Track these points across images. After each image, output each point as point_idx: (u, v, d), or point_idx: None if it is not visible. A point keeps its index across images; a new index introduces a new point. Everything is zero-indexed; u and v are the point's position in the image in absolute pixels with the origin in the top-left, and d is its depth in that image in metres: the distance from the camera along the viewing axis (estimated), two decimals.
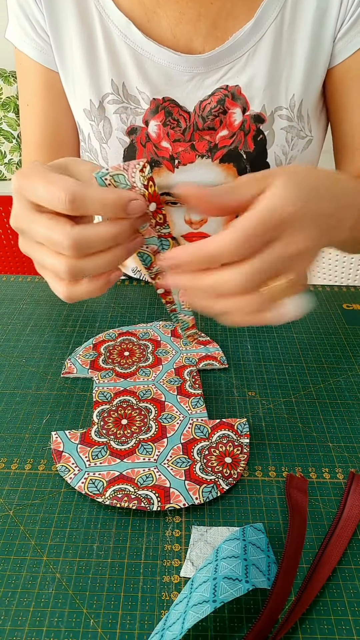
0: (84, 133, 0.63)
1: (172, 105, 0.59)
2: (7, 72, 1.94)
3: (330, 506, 0.42)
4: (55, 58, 0.60)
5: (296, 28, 0.57)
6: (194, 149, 0.60)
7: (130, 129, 0.60)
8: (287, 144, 0.60)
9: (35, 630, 0.34)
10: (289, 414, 0.51)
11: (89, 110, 0.61)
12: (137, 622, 0.35)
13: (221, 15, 0.56)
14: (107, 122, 0.60)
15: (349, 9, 0.56)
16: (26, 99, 0.64)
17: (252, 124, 0.59)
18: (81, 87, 0.60)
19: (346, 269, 1.38)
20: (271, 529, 0.40)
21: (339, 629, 0.34)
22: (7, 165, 2.03)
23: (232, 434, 0.47)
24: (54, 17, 0.57)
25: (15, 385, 0.54)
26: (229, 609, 0.35)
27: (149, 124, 0.59)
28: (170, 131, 0.60)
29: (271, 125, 0.59)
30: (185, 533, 0.40)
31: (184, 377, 0.54)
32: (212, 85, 0.58)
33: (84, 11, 0.57)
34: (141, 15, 0.57)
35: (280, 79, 0.58)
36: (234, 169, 0.60)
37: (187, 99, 0.59)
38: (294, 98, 0.59)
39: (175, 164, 0.60)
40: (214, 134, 0.59)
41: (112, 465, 0.44)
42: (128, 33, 0.57)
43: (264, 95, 0.58)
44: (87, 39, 0.58)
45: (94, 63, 0.58)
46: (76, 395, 0.53)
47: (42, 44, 0.59)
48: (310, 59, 0.58)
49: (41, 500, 0.42)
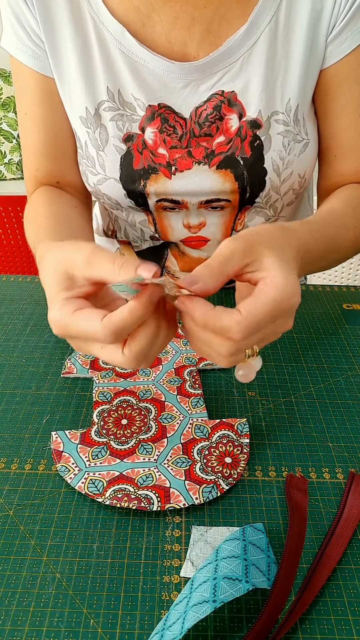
0: (80, 140, 0.62)
1: (168, 112, 0.59)
2: (7, 72, 1.94)
3: (330, 506, 0.42)
4: (51, 65, 0.59)
5: (291, 31, 0.56)
6: (191, 155, 0.60)
7: (127, 136, 0.60)
8: (284, 149, 0.59)
9: (35, 630, 0.34)
10: (289, 414, 0.51)
11: (85, 118, 0.60)
12: (137, 622, 0.35)
13: (215, 20, 0.56)
14: (103, 130, 0.60)
15: (341, 11, 0.55)
16: (24, 108, 0.63)
17: (248, 129, 0.58)
18: (77, 94, 0.59)
19: (346, 269, 1.38)
20: (271, 529, 0.40)
21: (339, 629, 0.34)
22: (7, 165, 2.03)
23: (232, 434, 0.47)
24: (49, 24, 0.57)
25: (15, 385, 0.54)
26: (229, 609, 0.35)
27: (145, 131, 0.59)
28: (167, 138, 0.59)
29: (268, 130, 0.58)
30: (185, 533, 0.40)
31: (184, 377, 0.54)
32: (207, 91, 0.58)
33: (78, 18, 0.57)
34: (135, 21, 0.56)
35: (276, 83, 0.57)
36: (231, 175, 0.60)
37: (183, 106, 0.58)
38: (290, 102, 0.58)
39: (173, 170, 0.60)
40: (210, 140, 0.59)
41: (112, 465, 0.44)
42: (122, 40, 0.56)
43: (260, 100, 0.57)
44: (82, 45, 0.57)
45: (89, 70, 0.58)
46: (76, 395, 0.53)
47: (37, 51, 0.59)
48: (305, 62, 0.57)
49: (41, 500, 0.42)
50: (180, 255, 0.70)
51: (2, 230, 1.40)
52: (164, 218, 0.65)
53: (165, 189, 0.61)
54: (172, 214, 0.64)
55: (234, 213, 0.64)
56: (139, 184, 0.61)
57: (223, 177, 0.60)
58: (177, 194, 0.61)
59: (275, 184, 0.61)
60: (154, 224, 0.66)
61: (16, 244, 1.42)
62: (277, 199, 0.63)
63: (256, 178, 0.60)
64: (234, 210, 0.64)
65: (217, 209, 0.63)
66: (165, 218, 0.65)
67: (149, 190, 0.61)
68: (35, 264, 0.44)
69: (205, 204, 0.62)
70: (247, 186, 0.60)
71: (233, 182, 0.60)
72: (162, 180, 0.60)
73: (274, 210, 0.66)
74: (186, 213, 0.64)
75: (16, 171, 2.05)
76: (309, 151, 0.61)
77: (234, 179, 0.60)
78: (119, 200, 0.63)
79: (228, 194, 0.61)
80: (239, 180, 0.60)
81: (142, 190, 0.61)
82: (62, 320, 0.36)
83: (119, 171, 0.61)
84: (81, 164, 0.65)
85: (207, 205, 0.63)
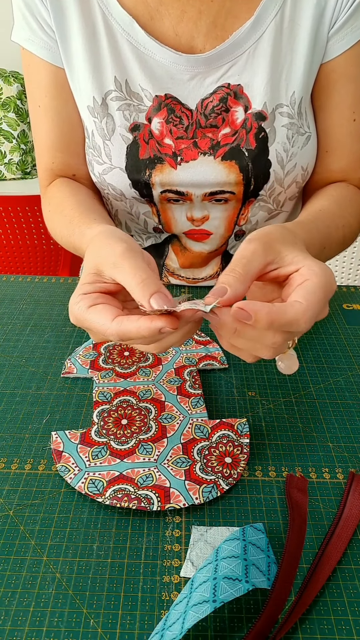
0: (87, 130, 0.63)
1: (175, 103, 0.59)
2: (7, 72, 1.94)
3: (330, 506, 0.42)
4: (62, 55, 0.60)
5: (296, 25, 0.57)
6: (197, 146, 0.60)
7: (133, 125, 0.60)
8: (288, 141, 0.60)
9: (35, 630, 0.34)
10: (289, 414, 0.51)
11: (92, 107, 0.61)
12: (137, 622, 0.35)
13: (221, 14, 0.57)
14: (110, 119, 0.61)
15: (343, 6, 0.56)
16: (37, 101, 0.64)
17: (253, 121, 0.59)
18: (84, 84, 0.60)
19: (346, 269, 1.38)
20: (271, 529, 0.40)
21: (339, 629, 0.34)
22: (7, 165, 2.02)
23: (232, 434, 0.47)
24: (59, 15, 0.58)
25: (15, 385, 0.54)
26: (229, 609, 0.35)
27: (152, 121, 0.60)
28: (173, 128, 0.60)
29: (272, 122, 0.59)
30: (185, 533, 0.40)
31: (184, 377, 0.54)
32: (213, 83, 0.58)
33: (87, 9, 0.58)
34: (144, 14, 0.57)
35: (281, 76, 0.58)
36: (236, 166, 0.60)
37: (189, 97, 0.59)
38: (295, 95, 0.59)
39: (178, 160, 0.60)
40: (216, 132, 0.60)
41: (112, 465, 0.44)
42: (131, 31, 0.57)
43: (265, 93, 0.58)
44: (90, 36, 0.58)
45: (97, 60, 0.59)
46: (76, 395, 0.53)
47: (49, 42, 0.60)
48: (309, 56, 0.58)
49: (41, 500, 0.42)
50: (181, 250, 0.70)
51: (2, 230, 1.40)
52: (168, 210, 0.65)
53: (171, 179, 0.61)
54: (176, 206, 0.65)
55: (238, 207, 0.65)
56: (145, 173, 0.61)
57: (228, 168, 0.60)
58: (182, 185, 0.62)
59: (279, 176, 0.62)
60: (157, 215, 0.66)
61: (16, 244, 1.42)
62: (280, 192, 0.64)
63: (260, 170, 0.61)
64: (237, 203, 0.64)
65: (221, 201, 0.63)
66: (169, 210, 0.65)
67: (154, 181, 0.61)
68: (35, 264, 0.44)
69: (210, 196, 0.63)
70: (251, 178, 0.61)
71: (238, 174, 0.60)
72: (167, 170, 0.61)
73: (277, 204, 0.66)
74: (190, 205, 0.64)
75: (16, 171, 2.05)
76: (311, 144, 0.62)
77: (239, 171, 0.60)
78: (123, 191, 0.63)
79: (232, 185, 0.61)
80: (244, 172, 0.60)
81: (148, 180, 0.61)
82: (78, 313, 0.38)
83: (125, 160, 0.61)
84: (87, 153, 0.65)
85: (211, 197, 0.63)
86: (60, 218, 0.59)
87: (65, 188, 0.64)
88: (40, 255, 1.43)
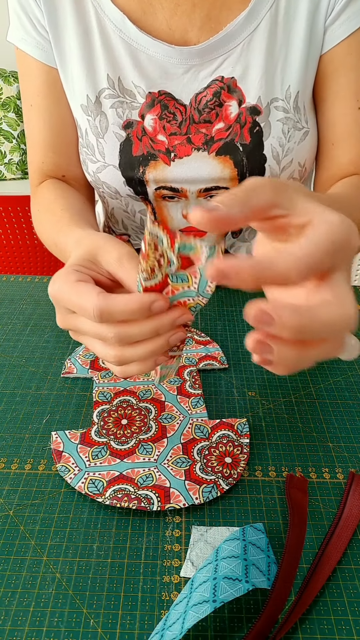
0: (81, 129, 0.63)
1: (168, 99, 0.59)
2: (7, 72, 1.94)
3: (330, 506, 0.42)
4: (55, 55, 0.60)
5: (292, 18, 0.56)
6: (190, 142, 0.60)
7: (127, 123, 0.60)
8: (284, 136, 0.59)
9: (35, 630, 0.34)
10: (289, 414, 0.51)
11: (85, 106, 0.61)
12: (137, 622, 0.35)
13: (215, 6, 0.56)
14: (103, 117, 0.61)
15: None
16: (30, 100, 0.64)
17: (248, 116, 0.59)
18: (78, 82, 0.60)
19: None
20: (271, 529, 0.40)
21: (339, 629, 0.34)
22: (7, 165, 2.02)
23: (232, 434, 0.47)
24: (53, 14, 0.58)
25: (15, 385, 0.54)
26: (229, 609, 0.35)
27: (145, 118, 0.60)
28: (167, 124, 0.60)
29: (267, 117, 0.59)
30: (185, 533, 0.40)
31: (184, 377, 0.54)
32: (208, 77, 0.58)
33: (81, 7, 0.58)
34: (136, 9, 0.57)
35: (275, 69, 0.58)
36: (231, 161, 0.60)
37: (183, 92, 0.59)
38: (290, 89, 0.58)
39: (172, 157, 0.60)
40: (210, 127, 0.59)
41: (112, 465, 0.44)
42: (123, 27, 0.57)
43: (260, 87, 0.58)
44: (83, 34, 0.58)
45: (90, 58, 0.59)
46: (76, 395, 0.53)
47: (42, 42, 0.60)
48: (306, 49, 0.57)
49: (41, 500, 0.42)
50: None
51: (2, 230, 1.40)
52: (163, 208, 0.65)
53: (165, 176, 0.61)
54: (171, 203, 0.64)
55: None
56: (138, 170, 0.61)
57: (222, 163, 0.60)
58: (176, 181, 0.61)
59: (274, 172, 0.61)
60: (153, 213, 0.66)
61: (16, 244, 1.42)
62: None
63: (255, 165, 0.60)
64: None
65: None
66: (164, 208, 0.65)
67: (148, 177, 0.61)
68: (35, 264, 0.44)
69: (205, 192, 0.62)
70: (246, 173, 0.60)
71: (232, 169, 0.60)
72: (161, 166, 0.61)
73: None
74: (185, 203, 0.64)
75: (16, 171, 2.05)
76: (309, 140, 0.62)
77: (233, 166, 0.60)
78: (117, 189, 0.63)
79: (227, 181, 0.61)
80: (238, 167, 0.60)
81: (141, 177, 0.61)
82: (62, 282, 0.36)
83: (118, 158, 0.61)
84: (81, 152, 0.65)
85: (207, 194, 0.63)
86: (49, 217, 0.58)
87: (56, 189, 0.64)
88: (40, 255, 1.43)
